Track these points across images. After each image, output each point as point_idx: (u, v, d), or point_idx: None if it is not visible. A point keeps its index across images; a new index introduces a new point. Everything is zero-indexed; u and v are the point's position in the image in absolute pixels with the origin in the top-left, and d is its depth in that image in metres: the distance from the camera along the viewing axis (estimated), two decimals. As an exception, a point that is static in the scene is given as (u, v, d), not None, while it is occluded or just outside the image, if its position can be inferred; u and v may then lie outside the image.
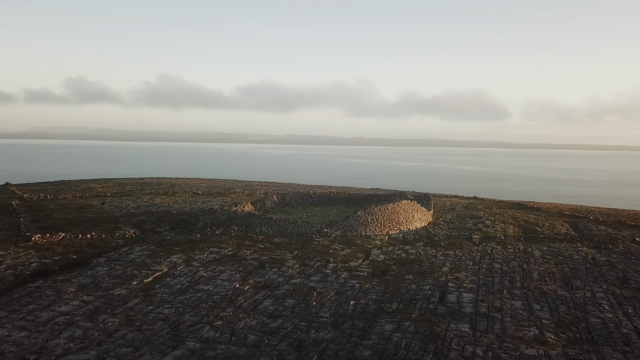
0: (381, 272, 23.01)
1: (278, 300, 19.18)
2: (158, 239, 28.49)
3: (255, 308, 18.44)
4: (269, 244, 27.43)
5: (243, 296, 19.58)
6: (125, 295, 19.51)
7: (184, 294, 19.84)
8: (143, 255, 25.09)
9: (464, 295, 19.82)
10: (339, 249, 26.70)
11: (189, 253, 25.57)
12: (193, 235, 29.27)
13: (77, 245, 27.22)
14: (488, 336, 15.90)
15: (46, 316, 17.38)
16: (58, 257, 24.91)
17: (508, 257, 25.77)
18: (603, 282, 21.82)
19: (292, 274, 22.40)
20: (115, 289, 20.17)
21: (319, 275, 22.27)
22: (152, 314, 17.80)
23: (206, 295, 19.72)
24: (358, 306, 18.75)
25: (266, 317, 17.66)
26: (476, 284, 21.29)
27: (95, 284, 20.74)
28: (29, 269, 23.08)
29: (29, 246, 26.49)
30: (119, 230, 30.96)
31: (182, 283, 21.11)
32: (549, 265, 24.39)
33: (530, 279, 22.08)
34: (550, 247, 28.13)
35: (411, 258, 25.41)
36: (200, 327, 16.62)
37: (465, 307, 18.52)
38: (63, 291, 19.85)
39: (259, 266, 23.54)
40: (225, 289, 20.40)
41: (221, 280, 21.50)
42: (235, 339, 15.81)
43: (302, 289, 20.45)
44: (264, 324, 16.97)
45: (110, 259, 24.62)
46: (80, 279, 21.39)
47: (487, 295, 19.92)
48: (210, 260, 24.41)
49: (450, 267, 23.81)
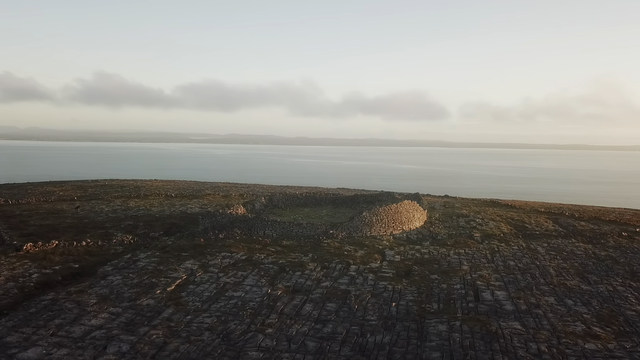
0: (405, 272, 23.23)
1: (318, 305, 18.95)
2: (160, 245, 27.39)
3: (298, 314, 18.13)
4: (280, 247, 27.01)
5: (280, 302, 19.20)
6: (156, 306, 18.64)
7: (217, 301, 19.20)
8: (152, 263, 24.05)
9: (497, 293, 20.36)
10: (352, 250, 26.69)
11: (201, 258, 24.76)
12: (196, 239, 28.33)
13: (74, 253, 25.71)
14: (542, 332, 16.42)
15: (80, 331, 16.35)
16: (58, 267, 23.47)
17: (517, 255, 26.70)
18: (616, 276, 23.06)
19: (318, 277, 22.18)
20: (141, 299, 19.23)
21: (346, 278, 22.18)
22: (193, 323, 17.11)
23: (241, 302, 19.18)
24: (400, 308, 18.85)
25: (313, 322, 17.42)
26: (502, 282, 21.92)
27: (116, 295, 19.68)
28: (30, 280, 21.62)
29: (21, 256, 24.77)
30: (111, 236, 29.51)
31: (209, 290, 20.42)
32: (558, 261, 25.49)
33: (549, 275, 22.99)
34: (550, 244, 29.40)
35: (426, 258, 25.80)
36: (253, 336, 16.16)
37: (504, 305, 19.03)
38: (84, 303, 18.72)
39: (280, 270, 23.15)
40: (257, 295, 19.92)
41: (249, 286, 20.96)
42: (295, 347, 15.49)
43: (336, 292, 20.30)
44: (316, 330, 16.73)
45: (118, 267, 23.43)
46: (97, 290, 20.24)
47: (517, 292, 20.56)
48: (226, 266, 23.75)
49: (468, 265, 24.37)
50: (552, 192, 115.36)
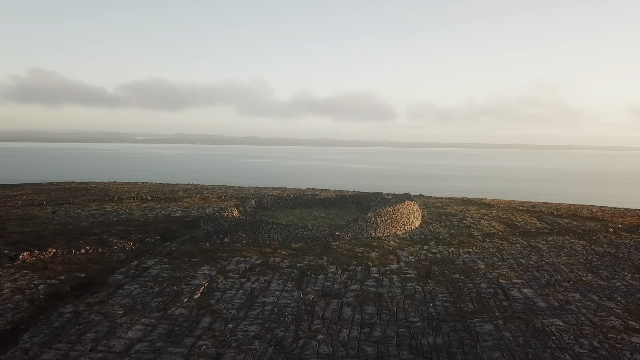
0: (425, 273, 23.44)
1: (357, 308, 18.80)
2: (166, 251, 26.37)
3: (340, 318, 17.92)
4: (291, 250, 26.62)
5: (318, 306, 18.91)
6: (189, 315, 17.93)
7: (251, 308, 18.69)
8: (166, 270, 23.13)
9: (524, 291, 20.90)
10: (364, 252, 26.67)
11: (215, 264, 24.05)
12: (201, 244, 27.47)
13: (75, 262, 24.36)
14: (586, 328, 16.98)
15: (120, 344, 15.51)
16: (63, 277, 22.19)
17: (523, 253, 27.51)
18: (624, 271, 24.20)
19: (343, 280, 22.02)
20: (171, 309, 18.44)
21: (371, 280, 22.13)
22: (238, 332, 16.58)
23: (277, 308, 18.75)
24: (437, 308, 18.99)
25: (359, 326, 17.27)
26: (523, 279, 22.52)
27: (142, 305, 18.79)
28: (38, 292, 20.34)
29: (19, 266, 23.25)
30: (107, 242, 28.17)
31: (238, 297, 19.84)
32: (564, 258, 26.48)
33: (563, 272, 23.83)
34: (548, 241, 30.51)
35: (439, 258, 26.14)
36: (306, 343, 15.84)
37: (536, 302, 19.56)
38: (112, 315, 17.77)
39: (301, 274, 22.81)
40: (290, 300, 19.55)
41: (277, 291, 20.54)
42: (353, 352, 15.30)
43: (369, 295, 20.23)
44: (366, 334, 16.59)
45: (130, 276, 22.39)
46: (119, 300, 19.25)
47: (542, 289, 21.18)
48: (244, 271, 23.17)
49: (484, 264, 24.88)
50: (497, 190, 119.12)
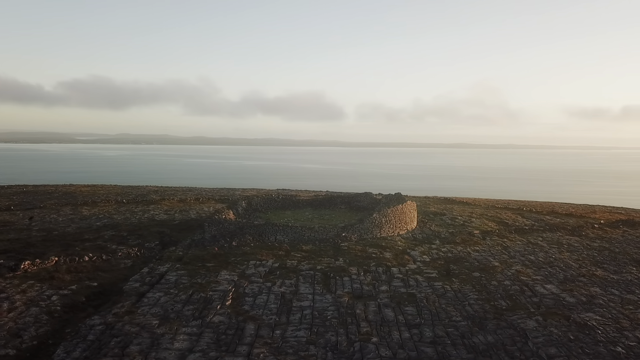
0: (446, 272, 23.75)
1: (396, 309, 18.80)
2: (174, 256, 25.43)
3: (384, 319, 17.87)
4: (304, 252, 26.31)
5: (358, 309, 18.78)
6: (230, 322, 17.39)
7: (291, 312, 18.34)
8: (184, 276, 22.32)
9: (548, 287, 21.57)
10: (377, 252, 26.72)
11: (233, 268, 23.44)
12: (208, 248, 26.68)
13: (82, 270, 23.10)
14: (623, 321, 17.72)
15: (172, 356, 14.87)
16: (75, 287, 21.01)
17: (527, 249, 28.41)
18: (628, 265, 25.42)
19: (369, 282, 21.97)
20: (207, 316, 17.82)
21: (397, 281, 22.19)
22: (289, 338, 16.22)
23: (317, 312, 18.48)
24: (473, 307, 19.29)
25: (407, 327, 17.28)
26: (541, 276, 23.24)
27: (176, 313, 18.06)
28: (53, 303, 19.20)
29: (22, 276, 21.83)
30: (106, 249, 26.88)
31: (272, 301, 19.41)
32: (568, 254, 27.54)
33: (574, 267, 24.76)
34: (544, 238, 31.66)
35: (450, 256, 26.56)
36: (363, 346, 15.68)
37: (564, 297, 20.23)
38: (148, 325, 16.99)
39: (324, 276, 22.58)
40: (327, 303, 19.31)
41: (309, 295, 20.24)
42: (414, 354, 15.28)
43: (402, 296, 20.28)
44: (418, 335, 16.62)
45: (146, 283, 21.46)
46: (147, 309, 18.42)
47: (563, 284, 21.94)
48: (265, 274, 22.70)
49: (497, 262, 25.50)
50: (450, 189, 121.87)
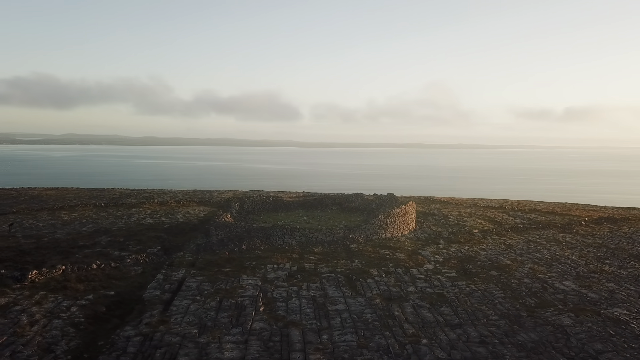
0: (463, 271, 24.09)
1: (432, 310, 18.93)
2: (186, 262, 24.68)
3: (424, 320, 17.95)
4: (318, 255, 26.08)
5: (395, 310, 18.78)
6: (272, 328, 17.05)
7: (328, 317, 18.14)
8: (205, 282, 21.71)
9: (566, 284, 22.25)
10: (389, 253, 26.81)
11: (252, 273, 22.98)
12: (218, 252, 26.02)
13: (93, 279, 22.06)
14: (650, 315, 18.51)
15: (228, 366, 14.38)
16: (91, 296, 20.07)
17: (530, 247, 29.21)
18: (629, 260, 26.54)
19: (394, 283, 22.02)
20: (246, 323, 17.40)
21: (421, 282, 22.35)
22: (339, 343, 16.04)
23: (355, 315, 18.36)
24: (503, 305, 19.65)
25: (450, 327, 17.43)
26: (555, 272, 23.95)
27: (212, 321, 17.54)
28: (74, 314, 18.35)
29: (31, 287, 20.67)
30: (107, 256, 25.78)
31: (306, 305, 19.16)
32: (570, 251, 28.50)
33: (581, 263, 25.65)
34: (540, 236, 32.66)
35: (461, 256, 26.97)
36: (416, 349, 15.70)
37: (586, 293, 20.91)
38: (188, 334, 16.44)
39: (348, 279, 22.46)
40: (362, 306, 19.22)
41: (340, 298, 20.09)
42: (468, 354, 15.42)
43: (432, 296, 20.43)
44: (464, 335, 16.77)
45: (167, 291, 20.76)
46: (179, 318, 17.82)
47: (579, 281, 22.68)
48: (287, 278, 22.36)
49: (509, 260, 26.08)
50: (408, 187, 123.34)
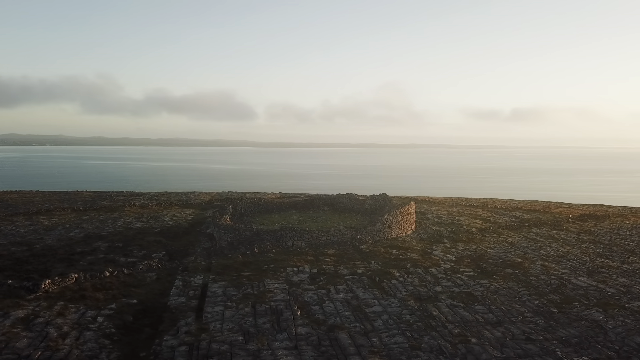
0: (480, 269, 24.52)
1: (468, 310, 19.17)
2: (201, 267, 24.00)
3: (464, 319, 18.17)
4: (333, 257, 25.93)
5: (433, 310, 18.90)
6: (317, 333, 16.88)
7: (369, 319, 18.10)
8: (229, 287, 21.25)
9: (582, 279, 23.03)
10: (402, 253, 26.97)
11: (275, 276, 22.65)
12: (230, 256, 25.44)
13: (110, 287, 21.16)
14: (673, 308, 19.41)
15: (290, 374, 14.09)
16: (114, 305, 19.29)
17: (532, 245, 30.04)
18: (627, 255, 27.70)
19: (419, 283, 22.18)
20: (289, 328, 17.13)
21: (444, 281, 22.60)
22: (392, 345, 16.03)
23: (394, 316, 18.39)
24: (533, 302, 20.14)
25: (491, 325, 17.71)
26: (566, 269, 24.74)
27: (254, 327, 17.19)
28: (104, 325, 17.61)
29: (45, 297, 19.70)
30: (115, 262, 24.81)
31: (341, 308, 19.05)
32: (570, 247, 29.51)
33: (586, 260, 26.59)
34: (536, 233, 33.68)
35: (471, 254, 27.43)
36: (469, 349, 15.86)
37: (604, 288, 21.71)
38: (235, 342, 16.06)
39: (372, 280, 22.45)
40: (398, 307, 19.29)
41: (374, 299, 20.09)
42: (520, 351, 15.72)
43: (461, 295, 20.71)
44: (507, 333, 17.07)
45: (191, 297, 20.22)
46: (218, 325, 17.37)
47: (593, 276, 23.52)
48: (311, 281, 22.13)
49: (518, 258, 26.73)
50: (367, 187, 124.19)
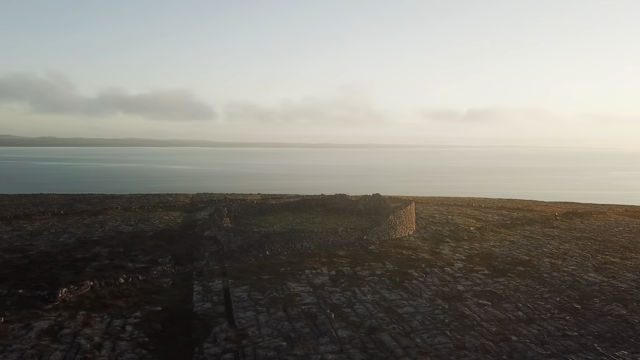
0: (493, 268, 24.97)
1: (497, 308, 19.50)
2: (217, 271, 23.47)
3: (497, 318, 18.47)
4: (346, 258, 25.86)
5: (465, 309, 19.12)
6: (358, 335, 16.79)
7: (405, 320, 18.14)
8: (252, 291, 20.89)
9: (592, 275, 23.80)
10: (412, 253, 27.15)
11: (296, 279, 22.43)
12: (242, 259, 24.99)
13: (129, 294, 20.46)
14: (687, 301, 20.31)
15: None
16: (139, 313, 18.69)
17: (532, 243, 30.79)
18: (625, 252, 28.81)
19: (440, 283, 22.39)
20: (330, 332, 16.99)
21: (463, 280, 22.92)
22: (437, 346, 16.12)
23: (428, 316, 18.52)
24: (555, 299, 20.68)
25: (525, 323, 18.06)
26: (573, 265, 25.52)
27: (294, 332, 16.96)
28: (136, 335, 17.04)
29: (64, 306, 18.91)
30: (124, 268, 23.99)
31: (373, 310, 19.03)
32: (568, 244, 30.43)
33: (589, 256, 27.49)
34: (532, 231, 34.57)
35: (478, 253, 27.91)
36: (513, 347, 16.12)
37: (616, 284, 22.49)
38: (279, 348, 15.84)
39: (393, 282, 22.50)
40: (428, 308, 19.41)
41: (402, 300, 20.14)
42: (562, 347, 16.08)
43: (485, 294, 21.05)
44: (543, 330, 17.45)
45: (216, 302, 19.75)
46: (255, 330, 17.11)
47: (601, 272, 24.35)
48: (334, 283, 22.00)
49: (525, 255, 27.37)
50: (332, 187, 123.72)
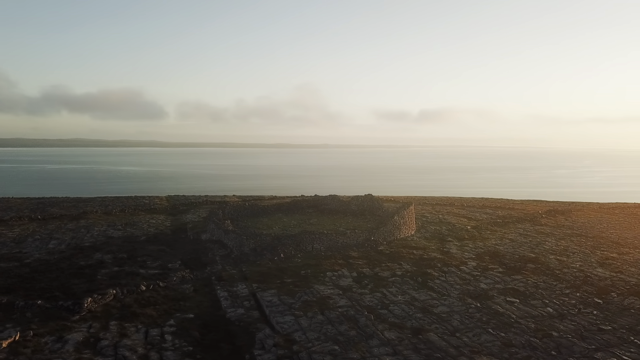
0: (505, 266, 25.57)
1: (527, 305, 19.99)
2: (237, 276, 22.98)
3: (531, 315, 18.94)
4: (360, 259, 25.90)
5: (498, 307, 19.49)
6: (404, 336, 16.87)
7: (443, 320, 18.36)
8: (282, 295, 20.64)
9: (599, 271, 24.76)
10: (423, 253, 27.45)
11: (321, 282, 22.32)
12: (259, 263, 24.58)
13: (155, 302, 19.85)
14: (697, 293, 21.44)
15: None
16: (173, 322, 18.22)
17: (530, 240, 31.73)
18: (618, 247, 30.13)
19: (462, 282, 22.75)
20: (377, 333, 17.00)
21: (481, 278, 23.38)
22: (486, 344, 16.42)
23: (465, 315, 18.82)
24: (575, 295, 21.40)
25: (558, 319, 18.60)
26: (579, 262, 26.45)
27: (341, 335, 16.88)
28: (178, 345, 16.56)
29: (91, 317, 18.25)
30: (137, 274, 23.15)
31: (407, 311, 19.16)
32: (564, 241, 31.53)
33: (588, 253, 28.58)
34: (525, 229, 35.65)
35: (483, 251, 28.53)
36: (558, 343, 16.59)
37: (625, 279, 23.49)
38: (332, 351, 15.76)
39: (415, 281, 22.71)
40: (460, 307, 19.71)
41: (433, 300, 20.37)
42: (604, 342, 16.66)
43: (509, 291, 21.56)
44: (578, 325, 18.01)
45: (248, 308, 19.53)
46: (302, 335, 16.95)
47: (606, 268, 25.33)
48: (359, 285, 21.98)
49: (530, 252, 28.17)
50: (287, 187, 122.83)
